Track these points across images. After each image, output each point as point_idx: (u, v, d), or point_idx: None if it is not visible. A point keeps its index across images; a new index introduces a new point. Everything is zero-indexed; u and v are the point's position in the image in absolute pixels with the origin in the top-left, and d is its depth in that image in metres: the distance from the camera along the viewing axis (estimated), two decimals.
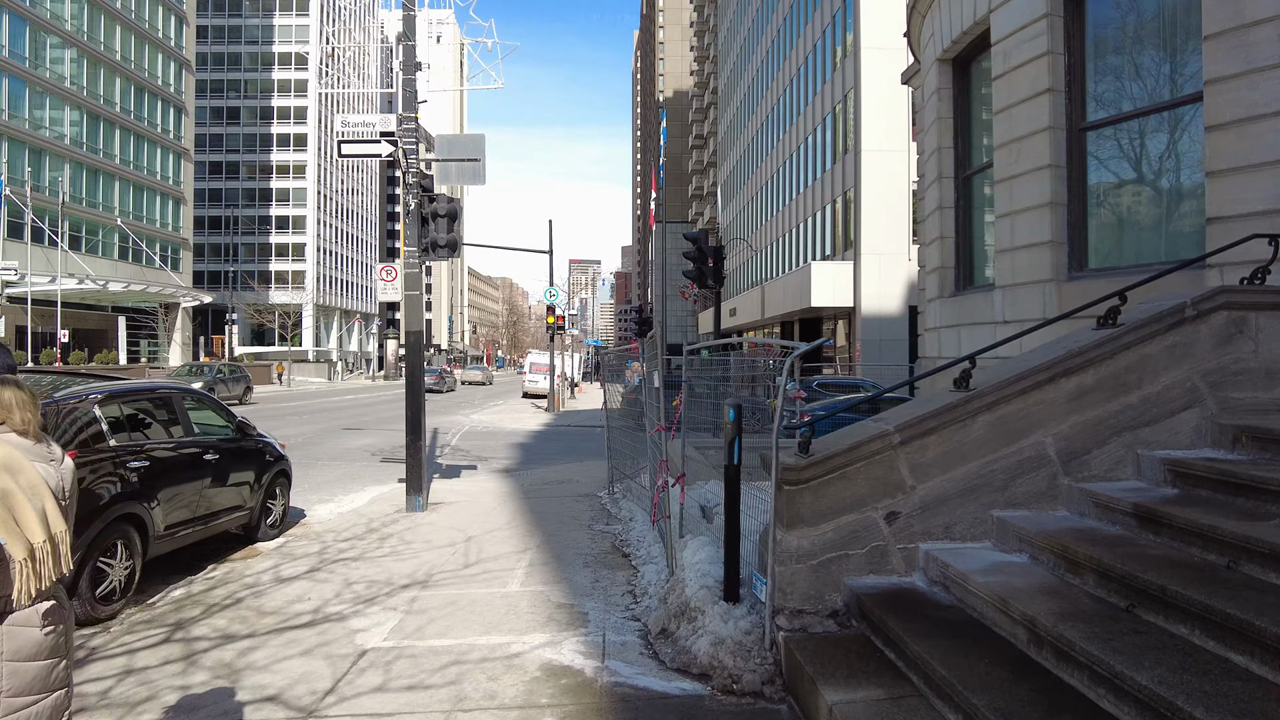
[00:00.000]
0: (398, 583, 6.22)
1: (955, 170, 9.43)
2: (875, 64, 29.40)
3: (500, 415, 27.29)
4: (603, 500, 9.81)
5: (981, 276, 9.10)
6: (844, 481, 4.27)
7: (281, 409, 28.58)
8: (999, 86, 7.99)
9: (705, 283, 14.20)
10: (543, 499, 10.02)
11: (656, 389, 5.81)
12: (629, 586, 5.85)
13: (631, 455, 10.91)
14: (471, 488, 11.18)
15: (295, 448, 15.97)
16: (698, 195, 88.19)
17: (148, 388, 6.74)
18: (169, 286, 49.76)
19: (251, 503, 7.80)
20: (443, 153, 9.68)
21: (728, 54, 59.96)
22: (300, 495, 10.90)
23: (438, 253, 9.42)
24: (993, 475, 4.34)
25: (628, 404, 23.02)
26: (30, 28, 44.29)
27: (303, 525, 9.10)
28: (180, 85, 59.04)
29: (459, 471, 13.38)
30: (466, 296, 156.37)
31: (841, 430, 4.62)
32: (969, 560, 4.01)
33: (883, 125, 29.25)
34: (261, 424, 20.48)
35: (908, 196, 29.30)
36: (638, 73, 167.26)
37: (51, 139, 45.72)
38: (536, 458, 15.57)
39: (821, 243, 33.75)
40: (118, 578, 5.60)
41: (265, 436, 8.45)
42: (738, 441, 4.31)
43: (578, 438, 20.00)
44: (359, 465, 14.03)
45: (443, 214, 9.40)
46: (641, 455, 11.09)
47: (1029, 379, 4.37)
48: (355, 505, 10.25)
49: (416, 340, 9.51)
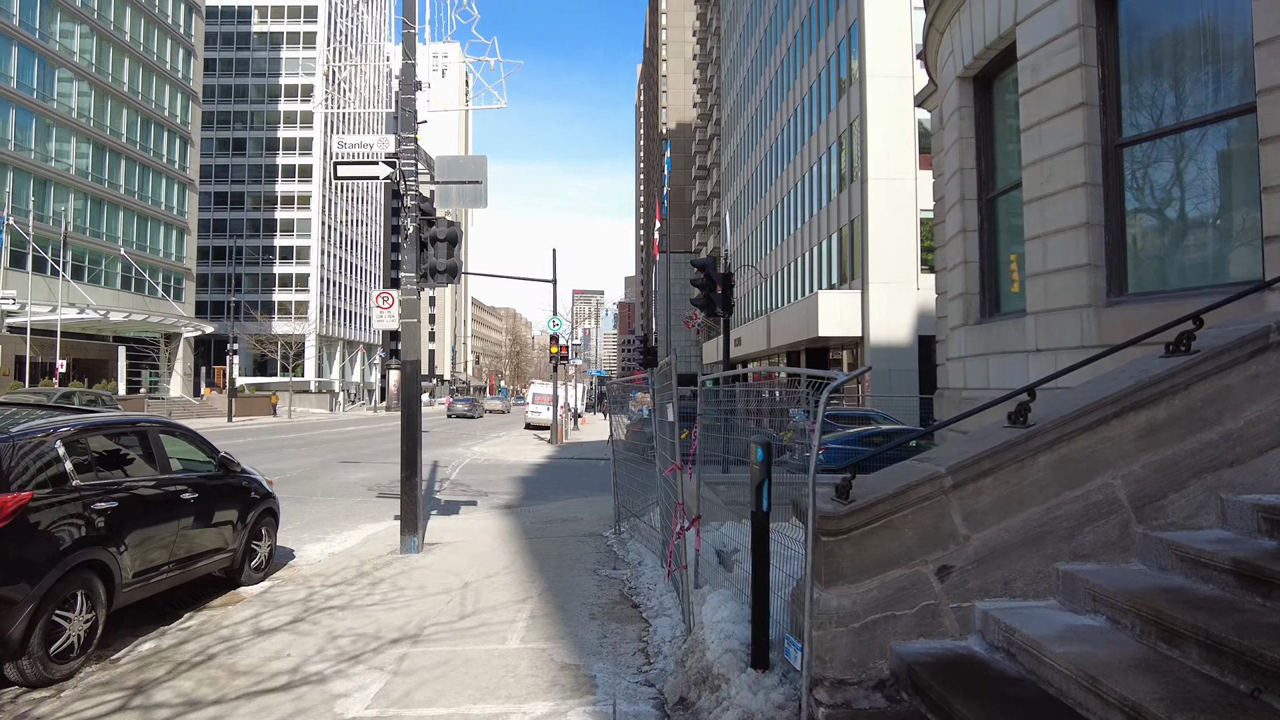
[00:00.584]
0: (387, 636, 5.67)
1: (978, 192, 9.01)
2: (881, 92, 29.27)
3: (502, 447, 26.74)
4: (609, 541, 9.25)
5: (1009, 302, 8.63)
6: (889, 531, 3.75)
7: (279, 441, 28.06)
8: (1027, 102, 7.59)
9: (714, 311, 13.75)
10: (545, 539, 9.47)
11: (670, 422, 5.31)
12: (640, 643, 5.29)
13: (639, 491, 10.38)
14: (470, 526, 10.63)
15: (289, 482, 15.46)
16: (701, 225, 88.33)
17: (120, 421, 6.25)
18: (170, 316, 49.53)
19: (234, 544, 7.27)
20: (443, 175, 9.30)
21: (730, 86, 60.30)
22: (291, 534, 10.36)
23: (437, 278, 8.99)
24: (1056, 523, 3.82)
25: (633, 436, 22.48)
26: (40, 60, 44.61)
27: (290, 568, 8.55)
28: (187, 117, 59.43)
29: (458, 508, 12.83)
30: (470, 327, 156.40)
31: (884, 472, 4.11)
32: (1037, 623, 3.47)
33: (889, 153, 29.02)
34: (257, 457, 19.88)
35: (916, 225, 28.99)
36: (640, 106, 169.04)
37: (58, 169, 45.83)
38: (539, 493, 15.02)
39: (828, 272, 33.40)
40: (76, 632, 5.07)
41: (251, 472, 7.95)
42: (767, 485, 3.80)
43: (581, 471, 19.44)
44: (354, 501, 13.49)
45: (442, 238, 8.98)
46: (649, 491, 10.56)
47: (1093, 413, 3.86)
48: (347, 545, 9.70)
49: (414, 370, 9.04)
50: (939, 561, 3.77)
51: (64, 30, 46.65)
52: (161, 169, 56.18)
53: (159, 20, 55.71)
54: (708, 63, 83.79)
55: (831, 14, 33.61)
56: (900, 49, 29.62)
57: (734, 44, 58.49)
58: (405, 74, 9.30)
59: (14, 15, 42.42)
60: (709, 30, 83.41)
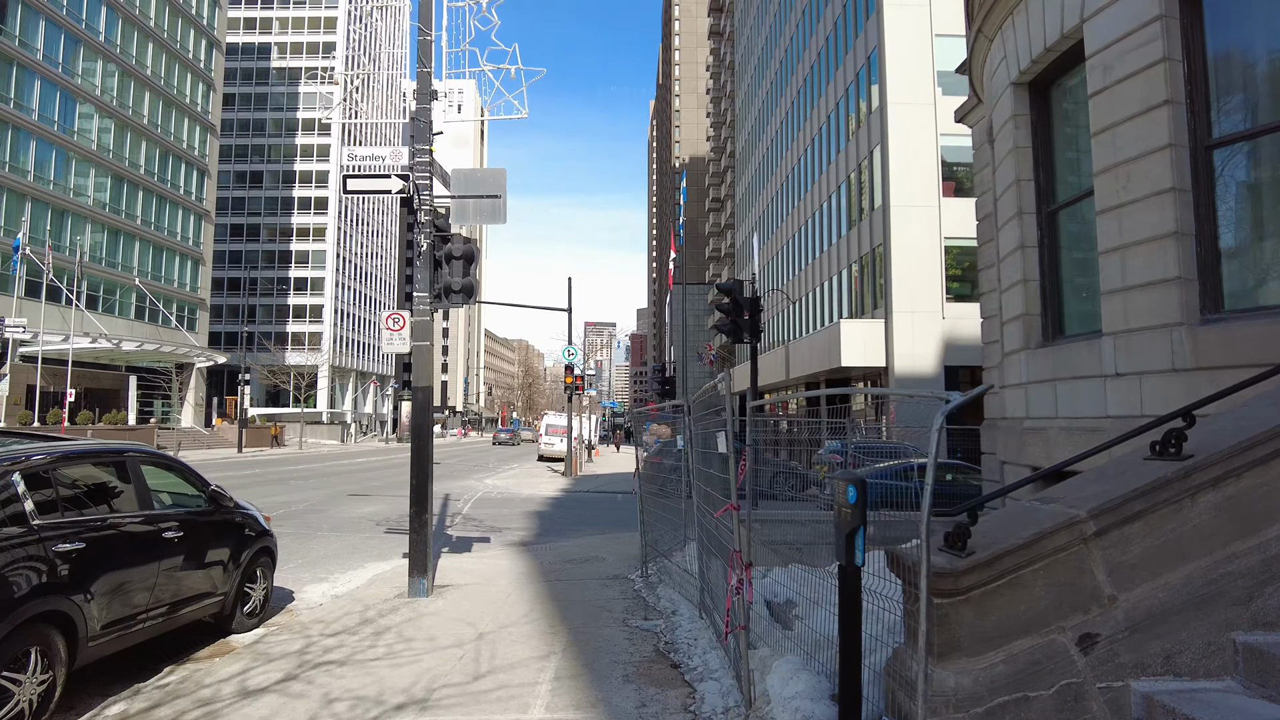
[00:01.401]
0: (390, 700, 4.90)
1: (1037, 205, 8.31)
2: (903, 119, 28.82)
3: (515, 480, 25.96)
4: (636, 584, 8.44)
5: (1075, 323, 7.88)
6: (1016, 591, 3.00)
7: (287, 472, 27.40)
8: (1099, 104, 6.92)
9: (741, 337, 13.04)
10: (566, 582, 8.67)
11: (719, 454, 4.57)
12: (687, 715, 4.50)
13: (665, 529, 9.61)
14: (484, 566, 9.85)
15: (293, 516, 14.75)
16: (715, 257, 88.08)
17: (96, 450, 5.57)
18: (182, 346, 49.31)
19: (225, 588, 6.55)
20: (459, 189, 8.71)
21: (745, 118, 60.29)
22: (291, 573, 9.63)
23: (452, 299, 8.35)
24: (1228, 581, 3.04)
25: (651, 469, 21.67)
26: (62, 93, 45.06)
27: (288, 612, 7.81)
28: (205, 149, 59.92)
29: (470, 545, 12.06)
30: (483, 358, 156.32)
31: (997, 516, 3.35)
32: (1219, 712, 2.69)
33: (912, 181, 28.47)
34: (262, 489, 19.15)
35: (940, 253, 28.32)
36: (653, 141, 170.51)
37: (76, 200, 46.03)
38: (555, 529, 14.22)
39: (849, 301, 32.70)
40: (27, 698, 4.34)
41: (246, 507, 7.26)
42: (860, 534, 3.05)
43: (598, 506, 18.63)
44: (361, 537, 12.74)
45: (458, 255, 8.35)
46: (675, 528, 9.79)
47: (1267, 444, 3.11)
48: (352, 586, 8.95)
49: (425, 397, 8.35)
50: (1080, 628, 3.00)
51: (86, 64, 47.21)
52: (178, 200, 56.48)
53: (180, 55, 56.45)
54: (721, 97, 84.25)
55: (850, 43, 33.36)
56: (921, 76, 29.24)
57: (748, 77, 58.60)
58: (421, 84, 8.76)
59: (38, 49, 42.95)
60: (722, 64, 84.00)
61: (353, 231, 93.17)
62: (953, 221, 28.54)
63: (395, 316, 8.43)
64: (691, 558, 8.90)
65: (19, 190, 41.59)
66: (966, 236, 28.73)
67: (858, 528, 3.05)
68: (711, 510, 6.04)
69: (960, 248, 28.68)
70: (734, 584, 4.10)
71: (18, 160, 41.82)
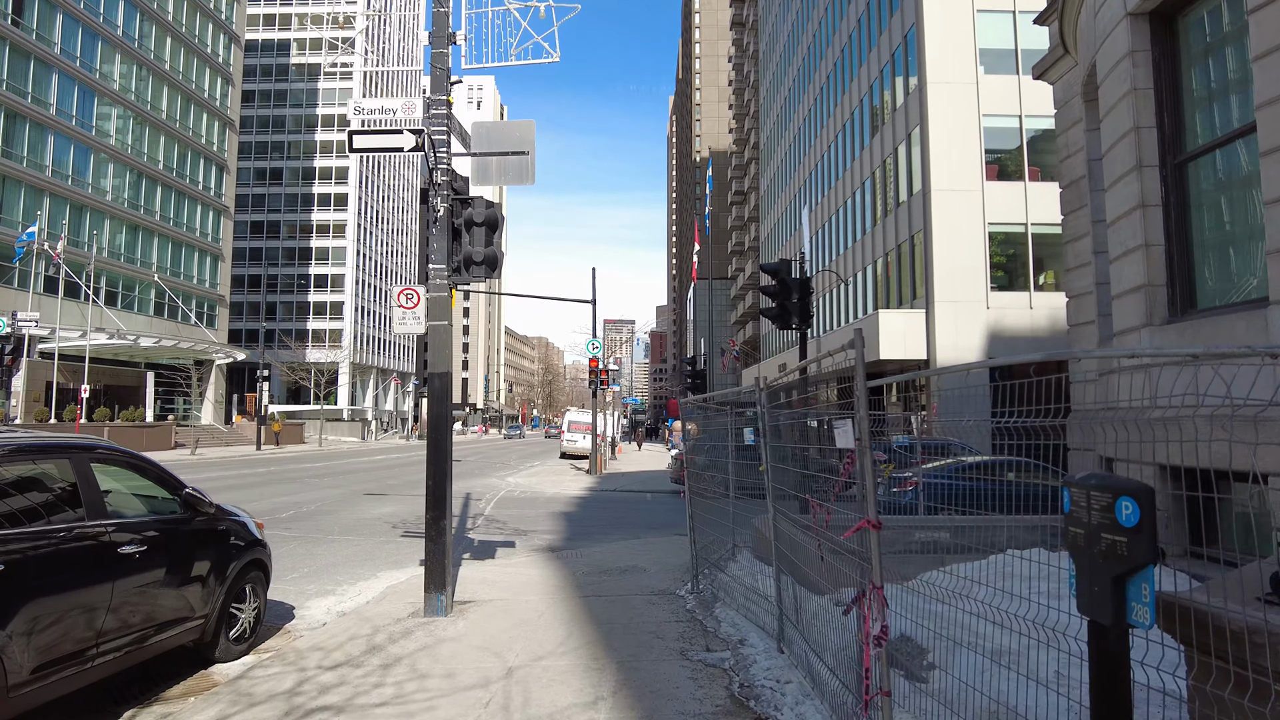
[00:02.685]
0: None
1: (1161, 156, 7.03)
2: (944, 100, 27.39)
3: (538, 478, 24.90)
4: (687, 602, 7.28)
5: (1215, 292, 6.61)
6: None
7: (303, 470, 26.54)
8: (1263, 20, 5.65)
9: (789, 322, 11.81)
10: (605, 598, 7.53)
11: (850, 447, 3.39)
12: None
13: (717, 532, 8.43)
14: (510, 577, 8.73)
15: (303, 518, 13.75)
16: (738, 251, 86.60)
17: (30, 446, 4.48)
18: (201, 343, 48.80)
19: (204, 609, 5.47)
20: (481, 145, 7.58)
21: (770, 107, 58.84)
22: (294, 584, 8.58)
23: (473, 271, 7.22)
24: None
25: (680, 466, 20.46)
26: (80, 88, 44.62)
27: (284, 634, 6.74)
28: (224, 144, 59.47)
29: (494, 550, 10.96)
30: (503, 355, 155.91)
31: None
32: None
33: (954, 164, 27.03)
34: (274, 488, 18.05)
35: (984, 240, 26.86)
36: (672, 137, 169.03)
37: (94, 196, 45.60)
38: (584, 531, 13.10)
39: (885, 291, 31.29)
40: None
41: (235, 513, 6.19)
42: (1147, 577, 1.86)
43: (628, 506, 17.50)
44: (375, 541, 11.68)
45: (479, 222, 7.23)
46: (722, 531, 8.63)
47: None
48: (361, 600, 7.89)
49: (443, 385, 7.24)
50: None
51: (104, 58, 46.77)
52: (197, 196, 56.06)
53: (199, 50, 56.00)
54: (744, 87, 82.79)
55: (885, 22, 31.91)
56: (963, 54, 27.77)
57: (773, 64, 57.14)
58: (437, 25, 7.63)
59: (56, 44, 42.51)
60: (745, 54, 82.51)
61: (373, 228, 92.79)
62: (996, 207, 27.08)
63: (408, 292, 7.32)
64: (745, 569, 7.73)
65: (37, 185, 41.16)
66: (1011, 222, 27.25)
67: (1141, 567, 1.86)
68: (796, 521, 4.86)
69: (1005, 234, 27.21)
70: (875, 631, 2.92)
71: (36, 155, 41.40)
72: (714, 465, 10.22)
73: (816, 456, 4.63)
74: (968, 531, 5.90)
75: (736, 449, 7.96)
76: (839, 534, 3.83)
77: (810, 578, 4.72)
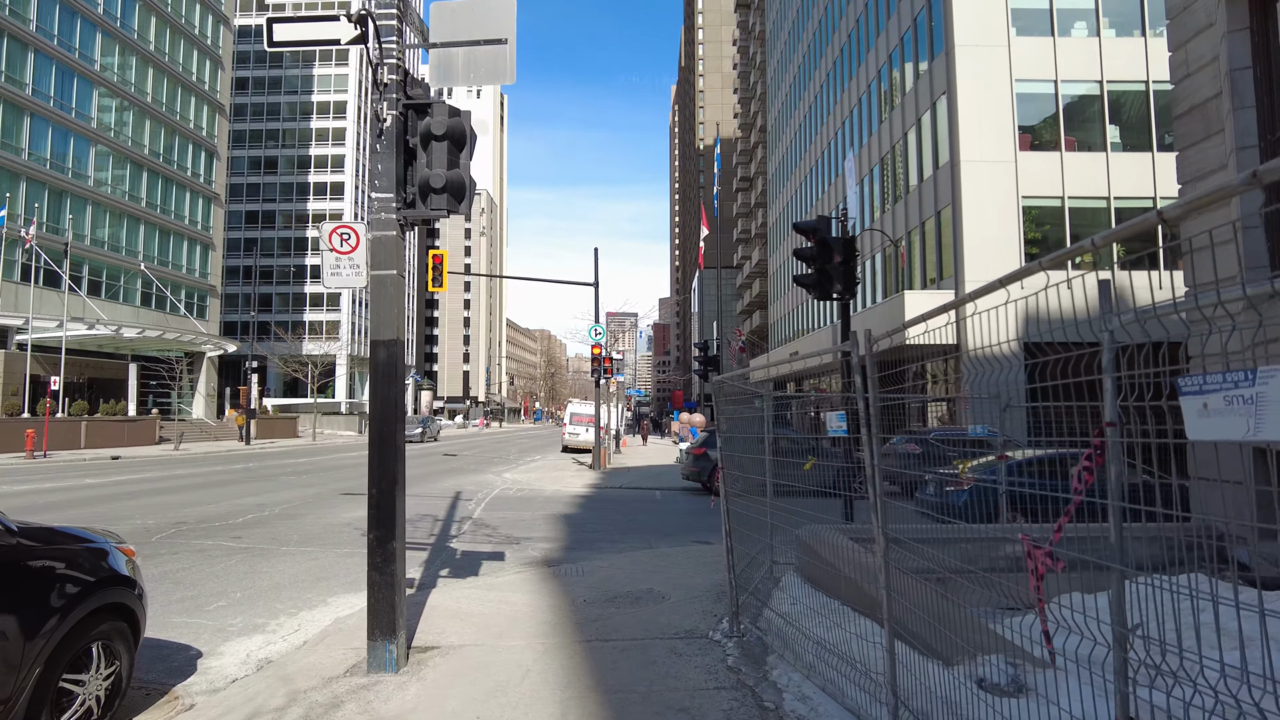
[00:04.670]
0: None
1: None
2: (972, 63, 25.36)
3: (538, 474, 23.02)
4: (725, 651, 5.36)
5: None
6: None
7: (282, 466, 24.68)
8: None
9: (831, 290, 9.87)
10: (615, 643, 5.62)
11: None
12: None
13: (750, 546, 6.57)
14: (492, 607, 6.83)
15: (261, 524, 11.85)
16: (744, 238, 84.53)
17: None
18: (188, 333, 46.92)
19: (3, 691, 3.58)
20: (444, 33, 5.64)
21: (777, 87, 56.71)
22: (215, 616, 6.70)
23: (432, 201, 5.30)
24: None
25: (695, 462, 18.48)
26: (58, 67, 42.67)
27: (169, 701, 4.84)
28: (214, 129, 57.50)
29: (478, 565, 9.09)
30: (504, 348, 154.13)
31: None
32: None
33: (985, 133, 25.03)
34: (243, 488, 15.93)
35: (1018, 214, 24.86)
36: (675, 127, 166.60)
37: (74, 180, 43.69)
38: (587, 539, 11.21)
39: (908, 271, 29.30)
40: None
41: (92, 539, 4.33)
42: None
43: (635, 506, 15.62)
44: (338, 554, 9.79)
45: (440, 135, 5.30)
46: (755, 545, 6.75)
47: None
48: (294, 642, 6.03)
49: (389, 359, 5.31)
50: None
51: (85, 38, 44.78)
52: (186, 182, 54.13)
53: (185, 30, 53.99)
54: (750, 70, 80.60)
55: None
56: (993, 15, 25.73)
57: (782, 40, 54.96)
58: None
59: (31, 21, 40.55)
60: (750, 35, 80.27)
61: (369, 217, 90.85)
62: (1031, 178, 25.08)
63: (344, 231, 5.41)
64: (800, 603, 5.84)
65: (12, 169, 39.27)
66: (1047, 195, 25.23)
67: None
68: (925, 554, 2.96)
69: (1039, 208, 25.20)
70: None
71: (11, 138, 39.49)
72: (710, 459, 8.30)
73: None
74: (1068, 543, 4.30)
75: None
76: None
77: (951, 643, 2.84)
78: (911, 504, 6.98)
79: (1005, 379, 2.92)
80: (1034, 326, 3.23)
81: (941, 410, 21.60)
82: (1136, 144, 25.35)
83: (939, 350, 17.46)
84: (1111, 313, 2.18)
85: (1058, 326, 2.76)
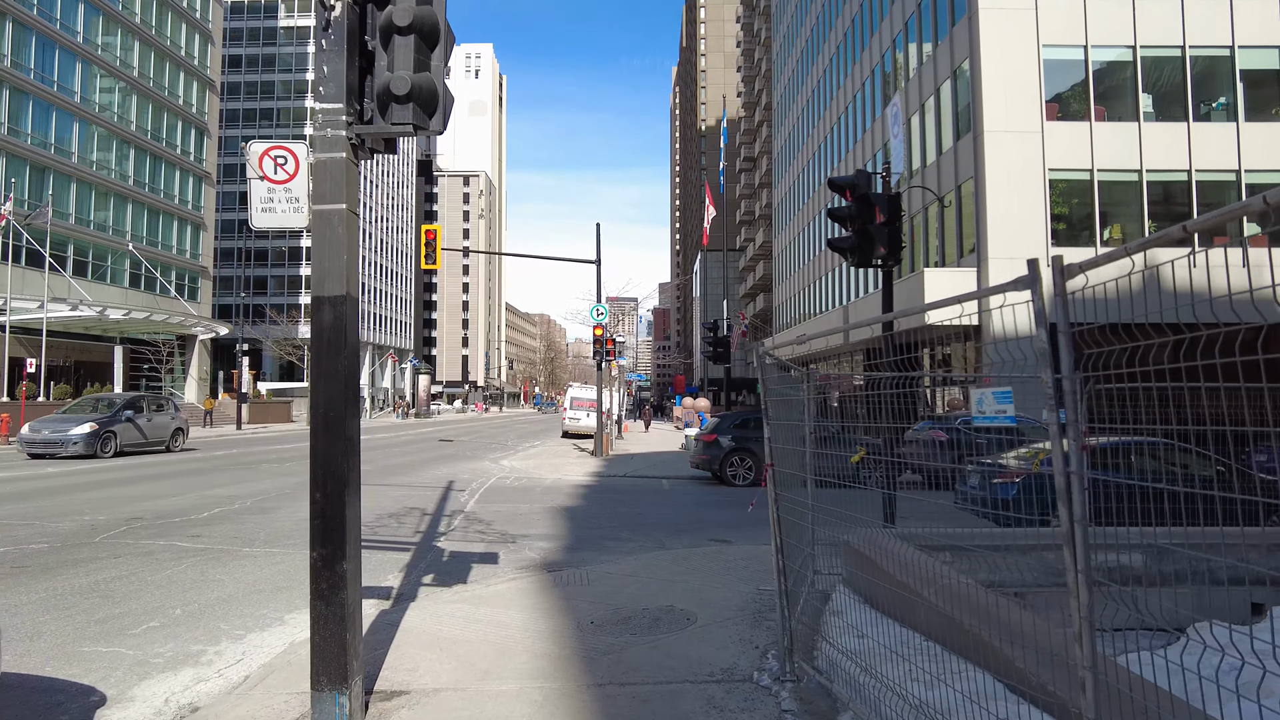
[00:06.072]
0: None
1: None
2: (997, 26, 23.92)
3: (537, 461, 21.82)
4: (778, 698, 4.13)
5: None
6: None
7: (270, 454, 23.47)
8: None
9: (872, 255, 8.59)
10: (634, 691, 4.40)
11: None
12: None
13: (795, 554, 5.33)
14: (478, 632, 5.60)
15: (228, 518, 10.60)
16: (747, 220, 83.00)
17: None
18: (177, 315, 45.60)
19: None
20: None
21: (784, 61, 55.06)
22: (139, 642, 5.46)
23: (394, 113, 4.00)
24: None
25: (706, 450, 17.19)
26: (38, 38, 41.10)
27: None
28: (204, 106, 55.92)
29: (467, 570, 7.87)
30: (504, 332, 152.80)
31: None
32: None
33: (1009, 102, 23.64)
34: (218, 476, 14.81)
35: (1044, 188, 23.52)
36: (676, 109, 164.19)
37: (57, 156, 42.23)
38: (591, 536, 10.00)
39: (925, 248, 27.98)
40: None
41: None
42: None
43: (642, 497, 14.42)
44: (306, 557, 8.53)
45: (404, 27, 3.99)
46: (800, 554, 5.53)
47: None
48: (230, 679, 4.81)
49: (336, 320, 4.02)
50: None
51: (66, 9, 43.16)
52: (175, 160, 52.64)
53: (172, 3, 52.28)
54: (754, 45, 78.78)
55: None
56: None
57: (789, 14, 53.27)
58: None
59: None
60: (755, 10, 78.40)
61: (368, 200, 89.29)
62: (1059, 150, 23.71)
63: (280, 153, 4.12)
64: (868, 640, 4.64)
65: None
66: (1075, 168, 23.87)
67: None
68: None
69: (1067, 181, 23.85)
70: None
71: None
72: (721, 446, 7.02)
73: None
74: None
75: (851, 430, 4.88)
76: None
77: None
78: (946, 497, 5.75)
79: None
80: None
81: (954, 394, 20.23)
82: (1171, 114, 23.96)
83: (961, 331, 15.73)
84: None
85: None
